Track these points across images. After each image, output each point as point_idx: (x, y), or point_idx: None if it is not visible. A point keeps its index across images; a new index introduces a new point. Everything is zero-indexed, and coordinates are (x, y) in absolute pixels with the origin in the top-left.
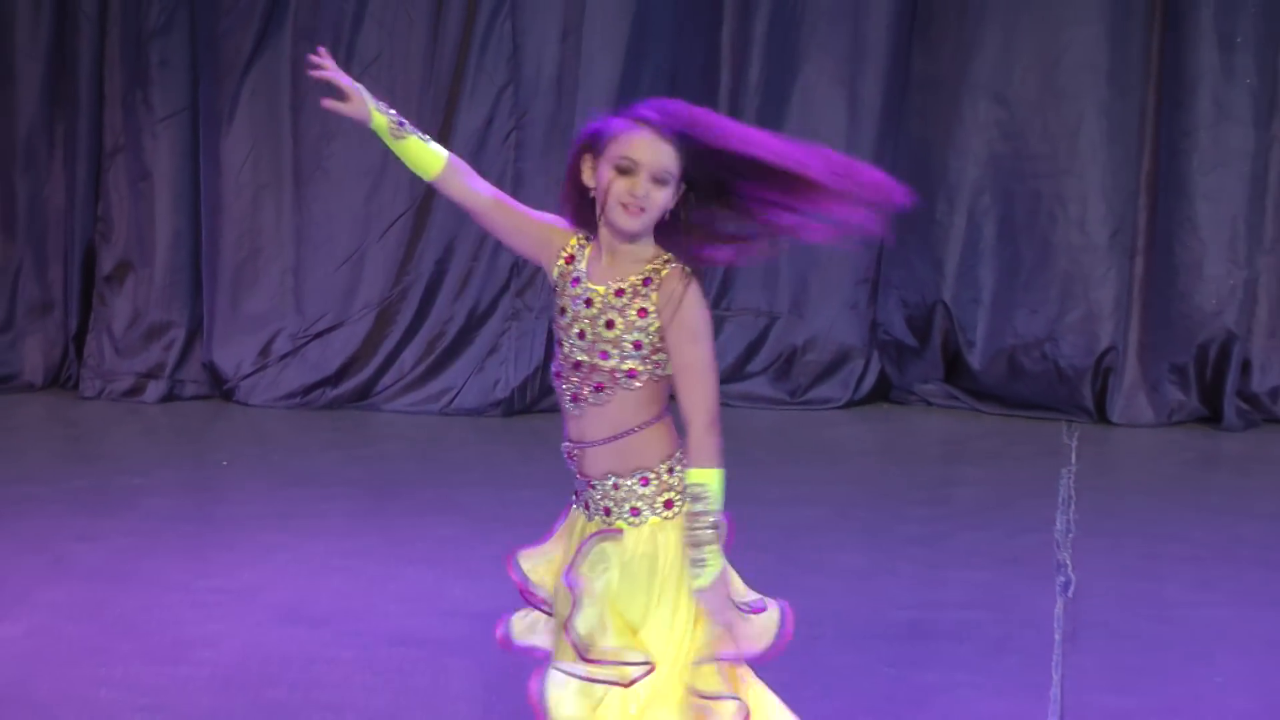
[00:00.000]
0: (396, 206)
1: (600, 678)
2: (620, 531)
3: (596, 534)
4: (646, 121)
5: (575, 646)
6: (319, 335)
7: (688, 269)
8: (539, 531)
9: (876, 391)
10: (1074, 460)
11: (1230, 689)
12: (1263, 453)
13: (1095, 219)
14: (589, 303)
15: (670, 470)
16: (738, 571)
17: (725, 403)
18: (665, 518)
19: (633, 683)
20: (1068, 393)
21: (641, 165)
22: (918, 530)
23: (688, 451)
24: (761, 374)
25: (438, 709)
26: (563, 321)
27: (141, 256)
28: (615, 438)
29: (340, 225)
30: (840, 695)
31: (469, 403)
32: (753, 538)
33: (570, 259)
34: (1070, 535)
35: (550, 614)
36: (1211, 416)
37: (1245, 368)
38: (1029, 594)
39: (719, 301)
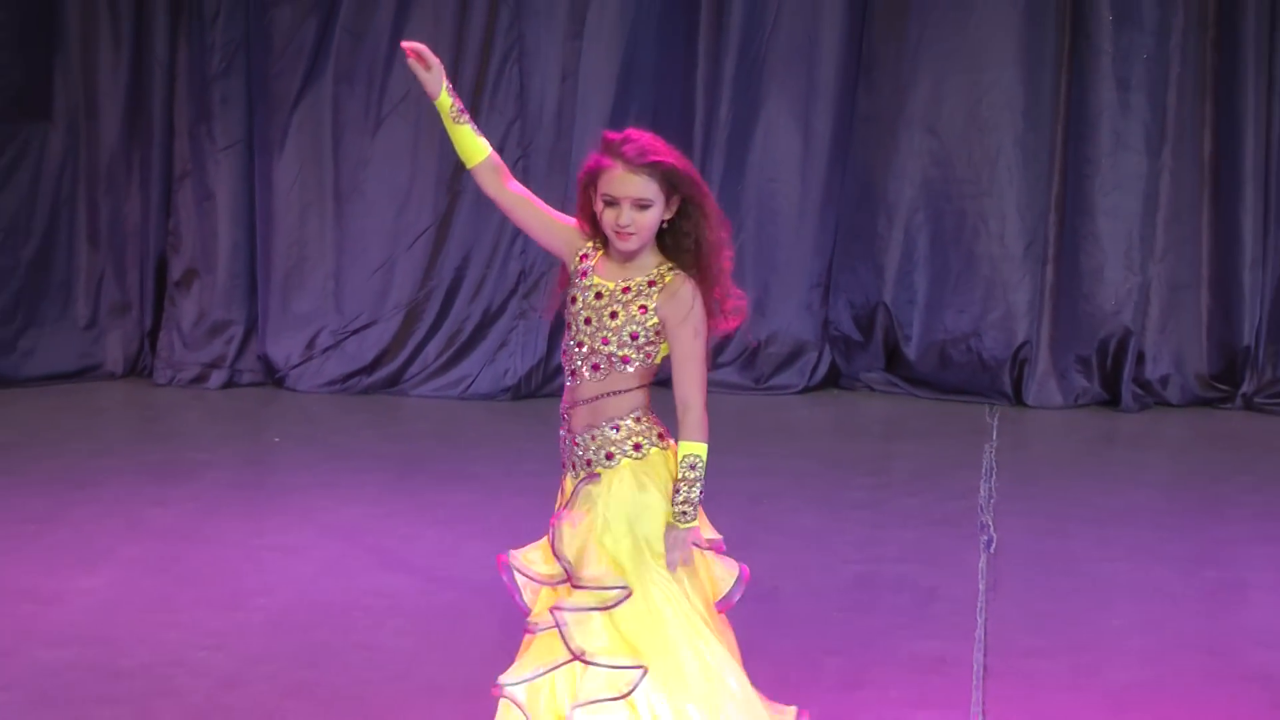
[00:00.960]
0: (422, 222)
1: (584, 605)
2: (599, 475)
3: (581, 481)
4: (619, 158)
5: (566, 572)
6: (356, 331)
7: (690, 274)
8: (542, 497)
9: (828, 379)
10: (995, 437)
11: (1126, 630)
12: (1154, 431)
13: (1012, 233)
14: (599, 295)
15: (637, 419)
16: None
17: (713, 391)
18: (635, 459)
19: (611, 606)
20: (989, 380)
21: (621, 199)
22: (862, 496)
23: (682, 428)
24: (730, 364)
25: (457, 649)
26: (574, 309)
27: (205, 264)
28: (598, 399)
29: (374, 238)
30: (798, 636)
31: (483, 389)
32: (723, 502)
33: (585, 257)
34: (992, 500)
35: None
36: (1111, 400)
37: (1139, 359)
38: (957, 550)
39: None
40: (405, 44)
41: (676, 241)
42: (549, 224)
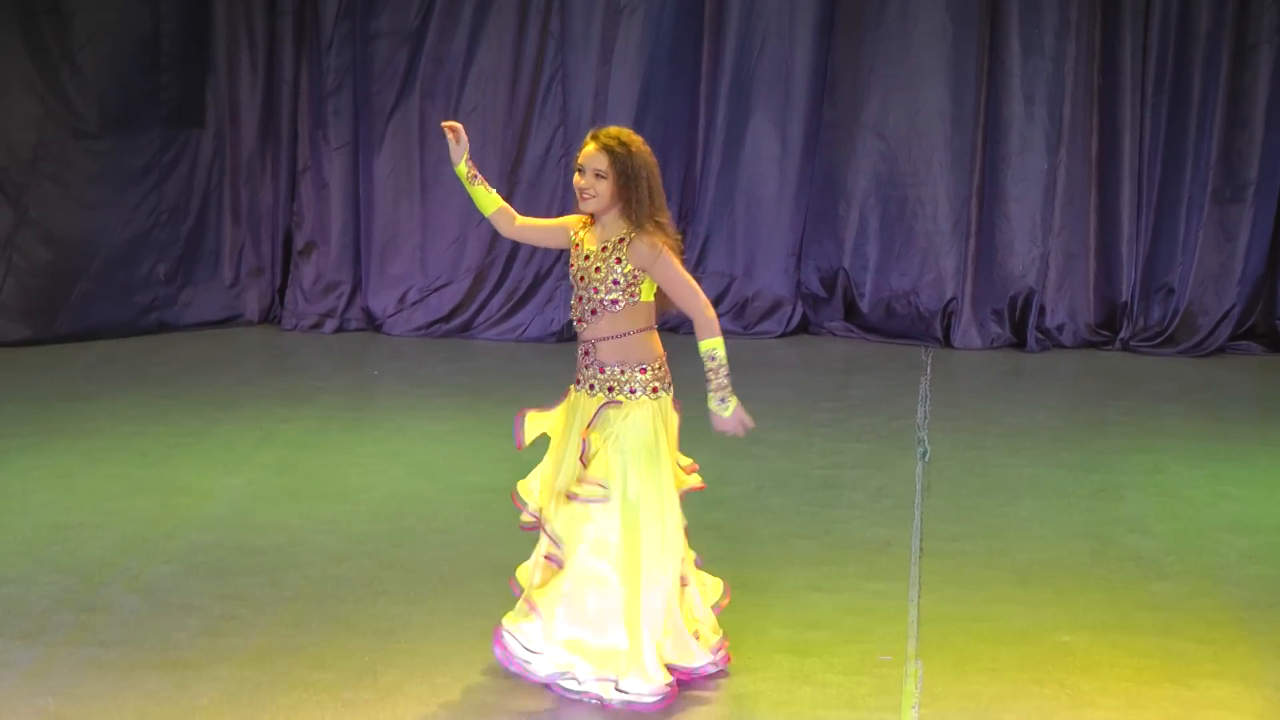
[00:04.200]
0: None
1: (588, 496)
2: (621, 402)
3: (604, 405)
4: (592, 138)
5: (582, 458)
6: (436, 289)
7: (646, 233)
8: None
9: (800, 327)
10: (929, 372)
11: (1030, 520)
12: (1052, 367)
13: (943, 215)
14: (586, 257)
15: (658, 369)
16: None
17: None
18: (651, 399)
19: (596, 501)
20: (925, 327)
21: (584, 167)
22: (826, 417)
23: (699, 330)
24: (724, 315)
25: (516, 534)
26: (571, 271)
27: (321, 238)
28: (617, 337)
29: (450, 218)
30: (776, 524)
31: (534, 334)
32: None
33: (576, 232)
34: (926, 420)
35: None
36: (1018, 343)
37: (1041, 311)
38: (899, 459)
39: (697, 265)
40: (445, 124)
41: (631, 208)
42: (548, 230)
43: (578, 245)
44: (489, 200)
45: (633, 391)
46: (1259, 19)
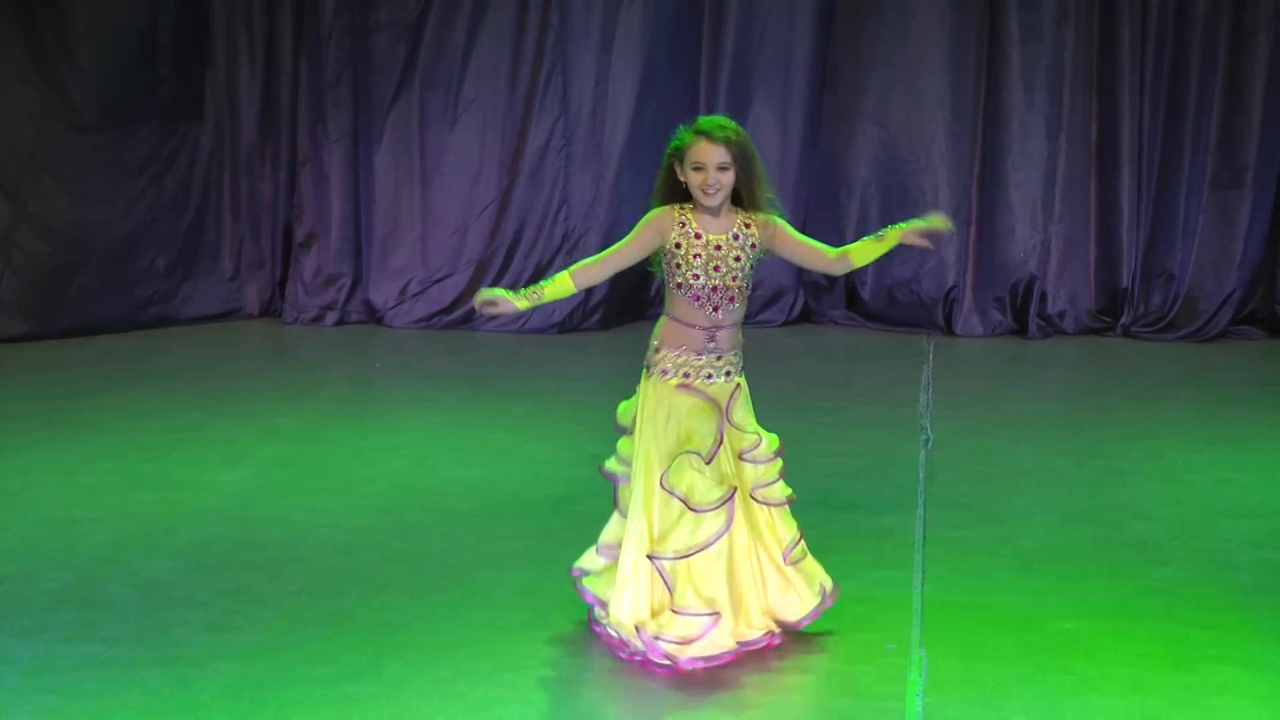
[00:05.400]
0: (487, 197)
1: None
2: (738, 383)
3: (736, 389)
4: (704, 135)
5: (725, 431)
6: (437, 281)
7: (763, 211)
8: (583, 410)
9: (802, 315)
10: (931, 359)
11: (1032, 507)
12: (1053, 353)
13: (943, 202)
14: (718, 247)
15: (743, 347)
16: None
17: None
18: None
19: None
20: (926, 315)
21: (706, 163)
22: (829, 405)
23: (848, 252)
24: None
25: (517, 524)
26: (697, 263)
27: (322, 230)
28: (736, 324)
29: (451, 209)
30: None
31: (535, 325)
32: None
33: (683, 225)
34: (929, 408)
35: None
36: (1020, 330)
37: (1042, 298)
38: (902, 447)
39: None
40: (477, 304)
41: (754, 191)
42: (638, 246)
43: (698, 236)
44: (562, 289)
45: (740, 370)
46: (1256, 4)
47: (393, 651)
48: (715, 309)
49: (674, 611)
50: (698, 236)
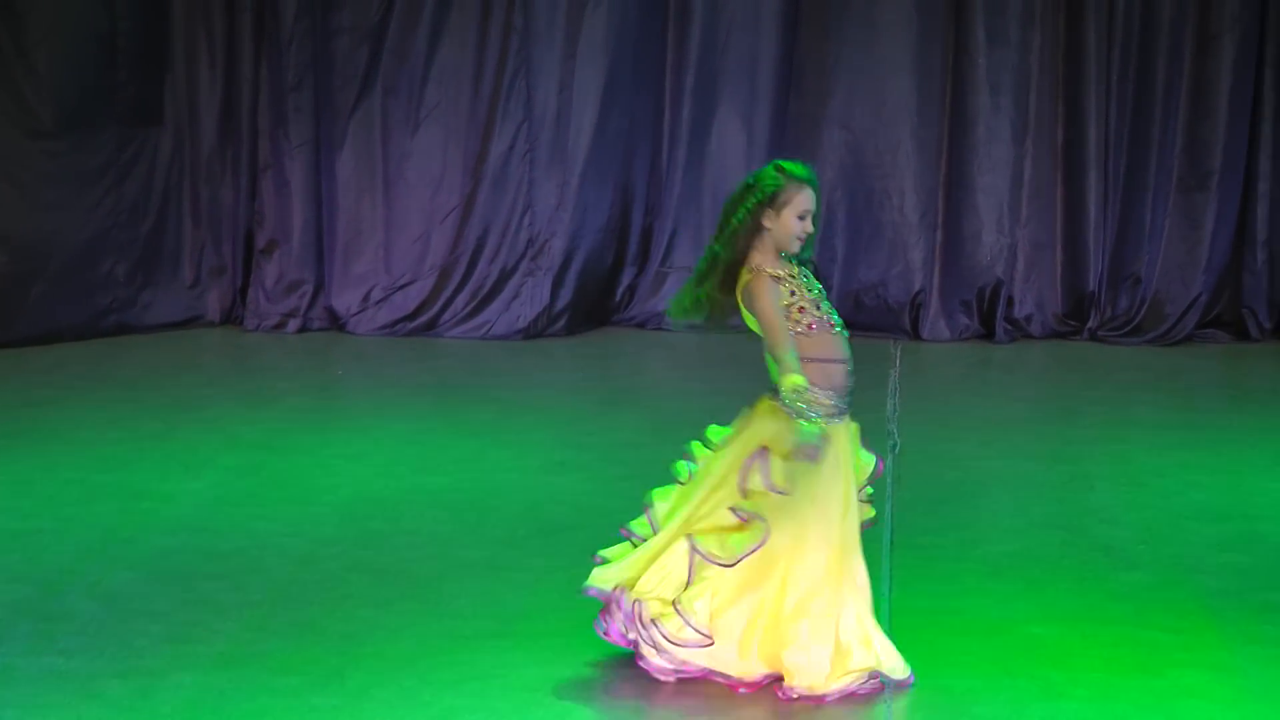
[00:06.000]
0: (451, 203)
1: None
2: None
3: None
4: (809, 183)
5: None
6: (401, 288)
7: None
8: (547, 416)
9: None
10: (898, 364)
11: (1001, 513)
12: (1020, 358)
13: (910, 206)
14: (809, 289)
15: None
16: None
17: (674, 331)
18: None
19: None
20: (893, 319)
21: (809, 212)
22: None
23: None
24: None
25: (482, 533)
26: (817, 312)
27: (283, 236)
28: None
29: (414, 215)
30: None
31: (499, 331)
32: (690, 417)
33: (775, 278)
34: (896, 413)
35: None
36: (987, 334)
37: (1009, 302)
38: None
39: (664, 261)
40: (808, 456)
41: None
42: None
43: (792, 280)
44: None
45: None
46: (1221, 8)
47: (357, 661)
48: (846, 357)
49: (677, 610)
50: (794, 282)
